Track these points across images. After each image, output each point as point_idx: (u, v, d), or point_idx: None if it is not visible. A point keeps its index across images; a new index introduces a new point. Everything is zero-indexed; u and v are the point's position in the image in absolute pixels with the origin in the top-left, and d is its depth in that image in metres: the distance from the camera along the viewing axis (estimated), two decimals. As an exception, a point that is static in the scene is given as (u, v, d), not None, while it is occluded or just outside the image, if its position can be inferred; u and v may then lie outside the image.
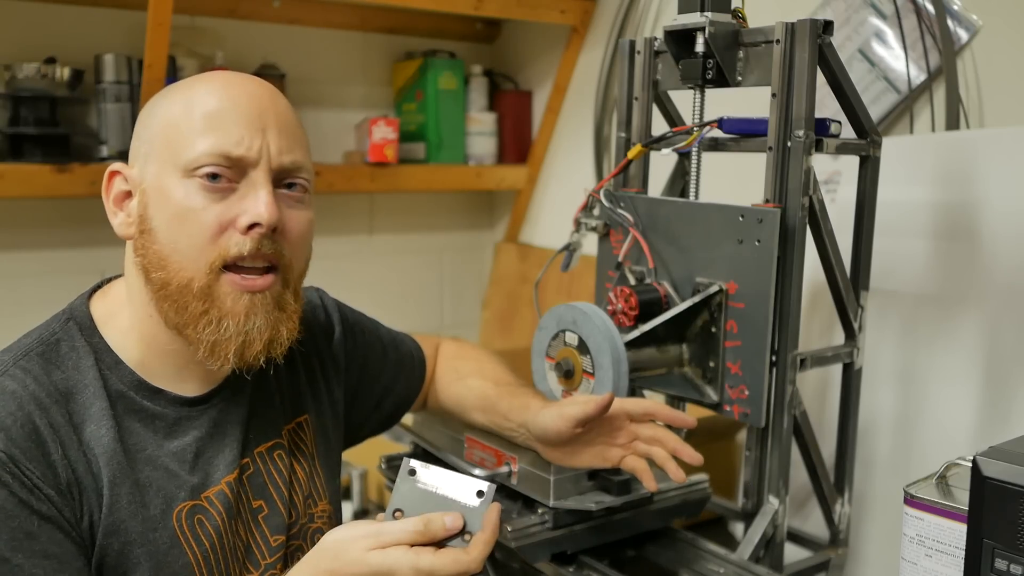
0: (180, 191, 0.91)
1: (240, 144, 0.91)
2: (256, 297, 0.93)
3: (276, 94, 0.97)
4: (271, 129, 0.94)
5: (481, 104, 2.59)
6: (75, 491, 0.89)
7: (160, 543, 0.93)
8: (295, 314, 0.98)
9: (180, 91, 0.96)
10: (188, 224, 0.91)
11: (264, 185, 0.92)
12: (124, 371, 0.95)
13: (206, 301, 0.92)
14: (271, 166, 0.93)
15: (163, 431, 0.96)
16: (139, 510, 0.92)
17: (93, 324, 0.97)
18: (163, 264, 0.92)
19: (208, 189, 0.91)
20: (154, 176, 0.93)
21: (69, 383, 0.92)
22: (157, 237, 0.92)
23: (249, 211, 0.91)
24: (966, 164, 1.40)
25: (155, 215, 0.92)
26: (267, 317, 0.94)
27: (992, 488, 0.83)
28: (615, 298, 1.28)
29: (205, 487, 0.97)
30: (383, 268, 2.62)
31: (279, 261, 0.95)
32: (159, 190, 0.92)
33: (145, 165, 0.94)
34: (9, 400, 0.88)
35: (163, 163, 0.93)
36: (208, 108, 0.92)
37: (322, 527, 1.09)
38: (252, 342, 0.93)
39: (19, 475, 0.85)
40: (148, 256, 0.93)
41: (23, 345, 0.94)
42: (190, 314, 0.92)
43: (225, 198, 0.92)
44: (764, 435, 1.24)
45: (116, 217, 0.97)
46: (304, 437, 1.10)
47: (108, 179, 0.97)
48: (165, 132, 0.93)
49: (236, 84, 0.95)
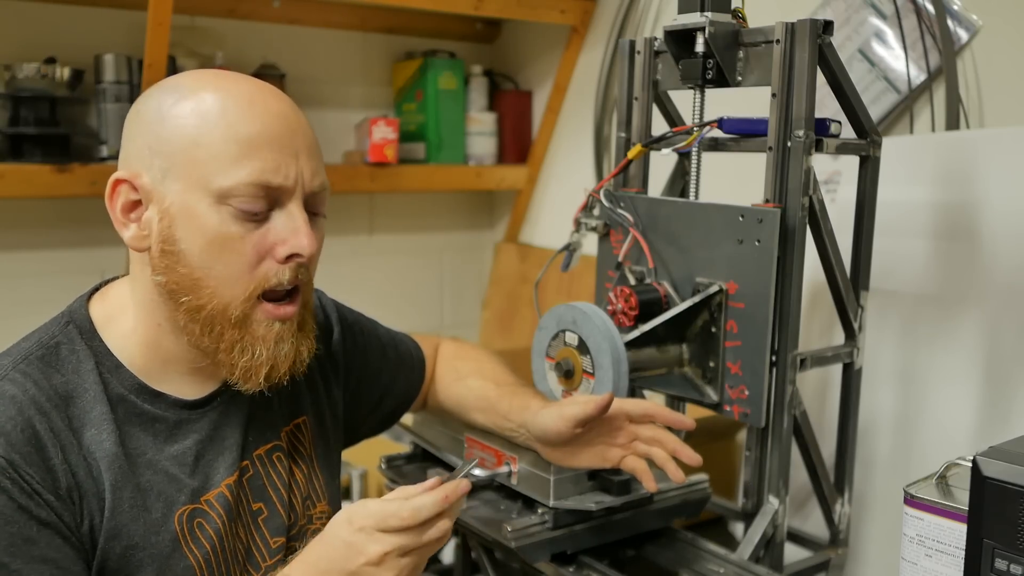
0: (215, 218, 0.90)
1: (278, 173, 0.90)
2: (284, 324, 0.95)
3: (299, 112, 0.96)
4: (302, 153, 0.93)
5: (481, 104, 2.59)
6: (75, 496, 0.88)
7: (162, 547, 0.93)
8: (312, 332, 1.01)
9: (191, 100, 0.91)
10: (226, 253, 0.91)
11: (300, 214, 0.93)
12: (125, 375, 0.95)
13: (241, 329, 0.93)
14: (304, 192, 0.93)
15: (163, 435, 0.96)
16: (141, 514, 0.92)
17: (93, 327, 0.96)
18: (195, 289, 0.91)
19: (244, 218, 0.91)
20: (179, 195, 0.90)
21: (69, 387, 0.92)
22: (187, 261, 0.91)
23: (289, 242, 0.92)
24: (966, 164, 1.40)
25: (184, 238, 0.91)
26: (292, 341, 0.96)
27: (992, 488, 0.83)
28: (615, 298, 1.28)
29: (205, 490, 0.97)
30: (383, 268, 2.62)
31: (303, 280, 0.96)
32: (187, 213, 0.90)
33: (164, 180, 0.91)
34: (9, 405, 0.87)
35: (190, 184, 0.90)
36: (240, 132, 0.90)
37: (321, 528, 1.09)
38: (279, 366, 0.95)
39: (18, 480, 0.85)
40: (174, 278, 0.92)
41: (22, 349, 0.93)
42: (226, 341, 0.93)
43: (260, 226, 0.92)
44: (764, 435, 1.24)
45: (127, 229, 0.93)
46: (303, 439, 1.10)
47: (112, 188, 0.93)
48: (189, 151, 0.90)
49: (261, 102, 0.92)
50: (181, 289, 0.92)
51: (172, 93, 0.93)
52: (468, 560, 1.31)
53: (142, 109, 0.94)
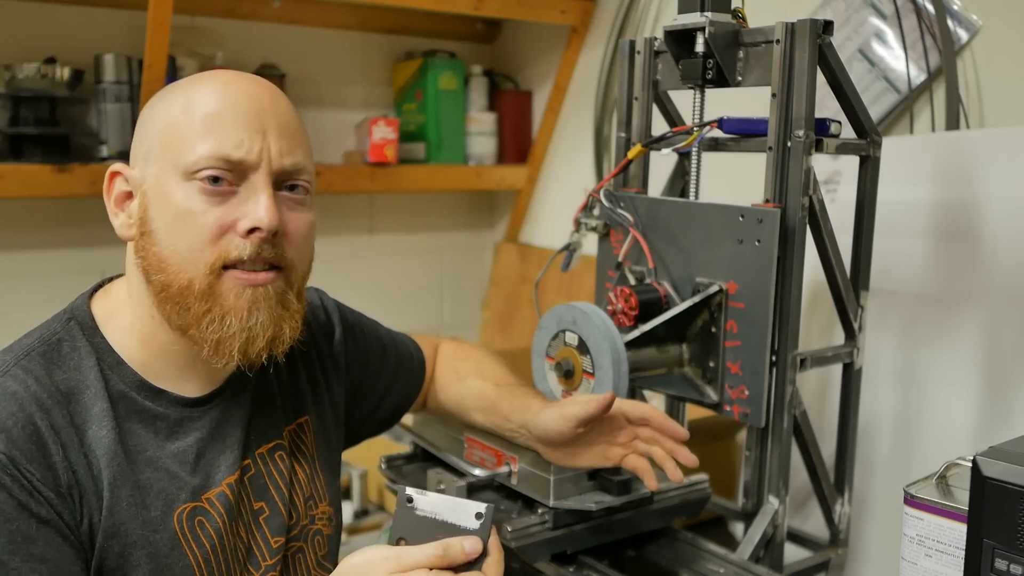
0: (180, 193, 0.91)
1: (240, 147, 0.91)
2: (259, 291, 0.93)
3: (277, 94, 0.97)
4: (272, 131, 0.93)
5: (481, 104, 2.59)
6: (75, 493, 0.88)
7: (161, 545, 0.92)
8: (298, 314, 0.98)
9: (180, 91, 0.95)
10: (188, 227, 0.91)
11: (264, 188, 0.92)
12: (126, 371, 0.95)
13: (208, 300, 0.91)
14: (272, 168, 0.93)
15: (164, 432, 0.96)
16: (139, 512, 0.92)
17: (95, 324, 0.96)
18: (163, 267, 0.92)
19: (208, 192, 0.91)
20: (154, 177, 0.93)
21: (71, 383, 0.92)
22: (157, 239, 0.92)
23: (249, 215, 0.91)
24: (966, 164, 1.40)
25: (155, 217, 0.92)
26: (270, 313, 0.94)
27: (992, 488, 0.83)
28: (615, 298, 1.28)
29: (206, 488, 0.97)
30: (383, 268, 2.62)
31: (282, 263, 0.95)
32: (160, 192, 0.92)
33: (146, 166, 0.94)
34: (10, 401, 0.87)
35: (163, 165, 0.92)
36: (207, 110, 0.92)
37: (322, 529, 1.09)
38: (255, 338, 0.93)
39: (19, 477, 0.85)
40: (148, 258, 0.93)
41: (24, 345, 0.93)
42: (193, 315, 0.92)
43: (225, 201, 0.91)
44: (764, 435, 1.24)
45: (117, 218, 0.96)
46: (305, 438, 1.10)
47: (109, 179, 0.96)
48: (165, 133, 0.93)
49: (236, 84, 0.95)
50: (152, 268, 0.92)
51: (167, 91, 0.97)
52: (468, 560, 1.31)
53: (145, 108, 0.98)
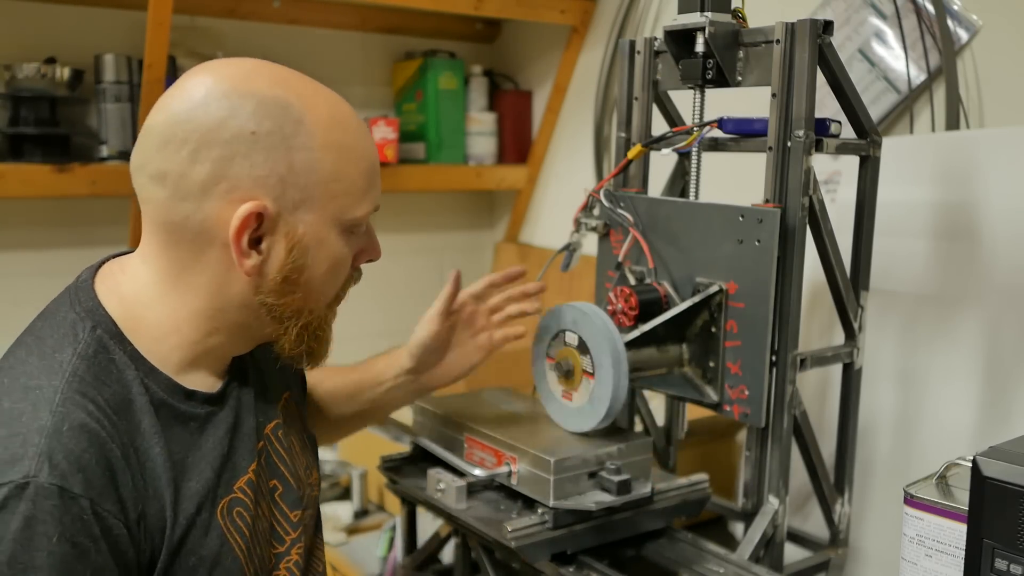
0: (339, 244, 0.96)
1: (380, 196, 0.99)
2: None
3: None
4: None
5: (481, 104, 2.59)
6: (142, 524, 0.87)
7: (212, 546, 0.92)
8: None
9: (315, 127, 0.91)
10: (339, 273, 0.99)
11: (371, 222, 1.01)
12: (160, 378, 0.92)
13: (326, 328, 1.02)
14: None
15: (197, 432, 0.95)
16: (194, 519, 0.91)
17: (120, 331, 0.91)
18: (302, 311, 0.96)
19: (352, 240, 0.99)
20: (310, 226, 0.92)
21: (117, 399, 0.88)
22: (306, 285, 0.95)
23: (371, 250, 1.03)
24: (966, 164, 1.40)
25: (311, 265, 0.94)
26: None
27: (992, 488, 0.83)
28: (615, 298, 1.28)
29: (236, 478, 0.97)
30: (383, 268, 2.61)
31: None
32: (319, 242, 0.94)
33: (296, 211, 0.91)
34: (81, 435, 0.82)
35: (325, 215, 0.93)
36: (367, 164, 0.96)
37: (318, 496, 1.15)
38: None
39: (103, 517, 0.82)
40: (288, 301, 0.94)
41: (60, 362, 0.87)
42: (320, 342, 1.01)
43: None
44: (764, 435, 1.24)
45: (250, 258, 0.90)
46: (292, 411, 1.13)
47: (250, 218, 0.88)
48: (330, 186, 0.92)
49: (363, 128, 0.98)
50: (291, 312, 0.96)
51: (279, 112, 0.90)
52: (468, 560, 1.31)
53: (245, 127, 0.88)
